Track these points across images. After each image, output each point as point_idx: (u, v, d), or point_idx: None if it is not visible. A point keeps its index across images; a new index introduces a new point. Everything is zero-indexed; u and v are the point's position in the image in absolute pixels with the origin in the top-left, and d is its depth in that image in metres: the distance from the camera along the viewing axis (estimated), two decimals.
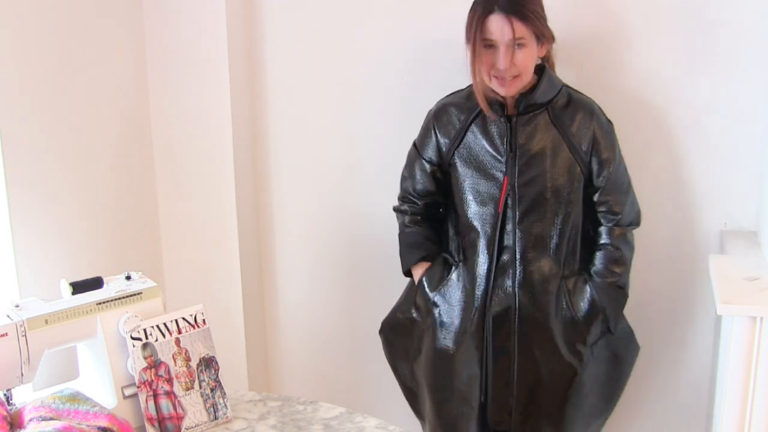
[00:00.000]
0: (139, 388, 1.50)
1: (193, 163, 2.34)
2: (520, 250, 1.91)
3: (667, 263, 2.23)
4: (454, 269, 1.99)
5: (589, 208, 1.97)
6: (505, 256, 1.93)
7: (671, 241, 2.22)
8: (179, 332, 1.55)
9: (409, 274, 2.09)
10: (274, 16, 2.34)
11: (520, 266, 1.92)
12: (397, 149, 2.21)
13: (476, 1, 1.84)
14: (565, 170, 1.89)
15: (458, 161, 1.96)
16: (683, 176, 2.17)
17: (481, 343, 1.94)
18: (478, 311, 1.94)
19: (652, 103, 2.15)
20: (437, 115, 2.00)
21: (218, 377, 1.58)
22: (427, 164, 2.01)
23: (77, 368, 1.64)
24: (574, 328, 1.93)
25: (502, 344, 1.93)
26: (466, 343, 1.96)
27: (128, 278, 1.61)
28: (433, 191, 2.03)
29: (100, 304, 1.52)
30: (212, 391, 1.56)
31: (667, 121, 2.15)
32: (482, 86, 1.87)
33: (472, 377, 1.97)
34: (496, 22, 1.78)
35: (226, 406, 1.57)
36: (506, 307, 1.92)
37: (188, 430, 1.52)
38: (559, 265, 1.93)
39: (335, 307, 2.52)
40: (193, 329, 1.57)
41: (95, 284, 1.56)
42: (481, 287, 1.94)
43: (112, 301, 1.54)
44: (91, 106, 2.05)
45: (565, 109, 1.91)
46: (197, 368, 1.56)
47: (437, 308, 2.00)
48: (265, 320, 2.58)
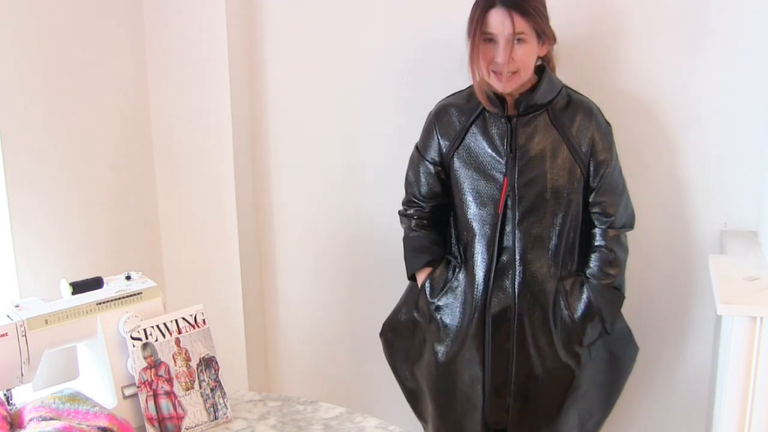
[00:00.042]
0: (139, 388, 1.50)
1: (193, 163, 2.34)
2: (519, 250, 1.91)
3: (667, 263, 2.23)
4: (457, 271, 1.99)
5: (586, 209, 1.97)
6: (504, 256, 1.93)
7: (671, 241, 2.22)
8: (179, 332, 1.55)
9: (413, 278, 2.08)
10: (274, 16, 2.34)
11: (519, 267, 1.92)
12: (397, 149, 2.21)
13: None
14: (565, 171, 1.89)
15: (457, 162, 1.96)
16: (683, 176, 2.17)
17: (482, 344, 1.94)
18: (478, 312, 1.94)
19: (652, 103, 2.15)
20: (438, 115, 2.00)
21: (218, 377, 1.58)
22: (430, 165, 2.01)
23: (77, 368, 1.64)
24: (571, 328, 1.93)
25: (501, 344, 1.93)
26: (467, 345, 1.96)
27: (128, 278, 1.61)
28: (438, 192, 2.03)
29: (100, 304, 1.52)
30: (212, 391, 1.56)
31: (666, 121, 2.15)
32: (483, 84, 1.88)
33: (474, 378, 1.97)
34: (496, 15, 1.79)
35: (226, 406, 1.57)
36: (505, 307, 1.92)
37: (188, 430, 1.52)
38: (557, 265, 1.93)
39: (335, 307, 2.52)
40: (193, 329, 1.57)
41: (95, 284, 1.56)
42: (480, 288, 1.94)
43: (112, 301, 1.54)
44: (91, 106, 2.05)
45: (565, 110, 1.91)
46: (197, 368, 1.56)
47: (440, 312, 2.00)
48: (265, 320, 2.58)
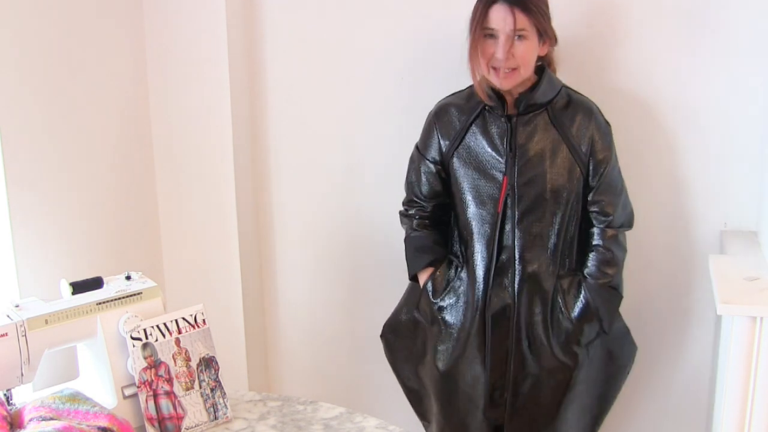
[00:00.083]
0: (139, 388, 1.50)
1: (193, 163, 2.34)
2: (519, 249, 1.91)
3: (667, 263, 2.23)
4: (459, 270, 2.00)
5: (585, 208, 1.97)
6: (504, 255, 1.93)
7: (671, 241, 2.22)
8: (179, 332, 1.55)
9: (414, 278, 2.08)
10: (274, 16, 2.34)
11: (519, 266, 1.92)
12: (396, 149, 2.21)
13: None
14: (564, 171, 1.90)
15: (457, 161, 1.96)
16: (683, 176, 2.17)
17: (483, 343, 1.95)
18: (479, 311, 1.94)
19: (652, 103, 2.15)
20: (438, 114, 2.00)
21: (218, 377, 1.58)
22: (431, 164, 2.01)
23: (77, 368, 1.64)
24: (568, 328, 1.93)
25: (500, 342, 1.94)
26: (469, 344, 1.96)
27: (128, 278, 1.61)
28: (439, 192, 2.03)
29: (100, 304, 1.52)
30: (212, 391, 1.56)
31: (666, 121, 2.15)
32: (483, 81, 1.89)
33: (475, 377, 1.97)
34: (498, 11, 1.80)
35: (226, 406, 1.57)
36: (504, 305, 1.92)
37: (188, 430, 1.52)
38: (556, 264, 1.93)
39: (335, 307, 2.52)
40: (193, 329, 1.57)
41: (95, 284, 1.56)
42: (480, 287, 1.94)
43: (112, 301, 1.54)
44: (91, 106, 2.05)
45: (564, 109, 1.92)
46: (197, 368, 1.56)
47: (442, 312, 2.00)
48: (265, 320, 2.58)
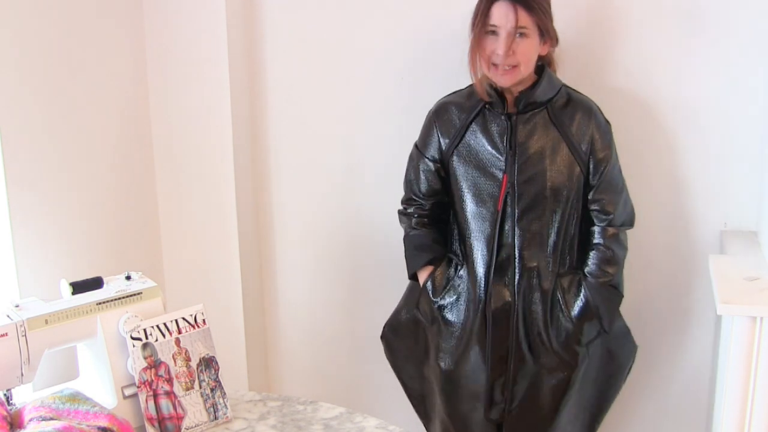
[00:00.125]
0: (139, 388, 1.50)
1: (193, 163, 2.34)
2: (518, 247, 1.92)
3: (667, 263, 2.23)
4: (459, 268, 2.00)
5: (586, 207, 1.98)
6: (504, 253, 1.93)
7: (671, 241, 2.22)
8: (179, 332, 1.55)
9: (414, 277, 2.08)
10: (274, 16, 2.34)
11: (518, 264, 1.92)
12: (396, 149, 2.21)
13: None
14: (564, 169, 1.90)
15: (457, 160, 1.96)
16: (683, 176, 2.17)
17: (484, 341, 1.95)
18: (480, 309, 1.94)
19: (651, 103, 2.15)
20: (438, 113, 2.01)
21: (218, 377, 1.58)
22: (430, 163, 2.01)
23: (77, 368, 1.64)
24: (568, 327, 1.93)
25: (501, 341, 1.94)
26: (470, 342, 1.96)
27: (128, 278, 1.61)
28: (438, 190, 2.03)
29: (100, 304, 1.52)
30: (212, 391, 1.56)
31: (666, 121, 2.15)
32: (484, 79, 1.90)
33: (477, 375, 1.97)
34: (500, 8, 1.82)
35: (226, 406, 1.57)
36: (505, 303, 1.93)
37: (188, 430, 1.52)
38: (556, 263, 1.93)
39: (335, 307, 2.52)
40: (193, 329, 1.57)
41: (95, 284, 1.56)
42: (481, 285, 1.94)
43: (112, 301, 1.54)
44: (91, 106, 2.05)
45: (564, 108, 1.92)
46: (197, 368, 1.56)
47: (443, 311, 2.01)
48: (265, 320, 2.58)
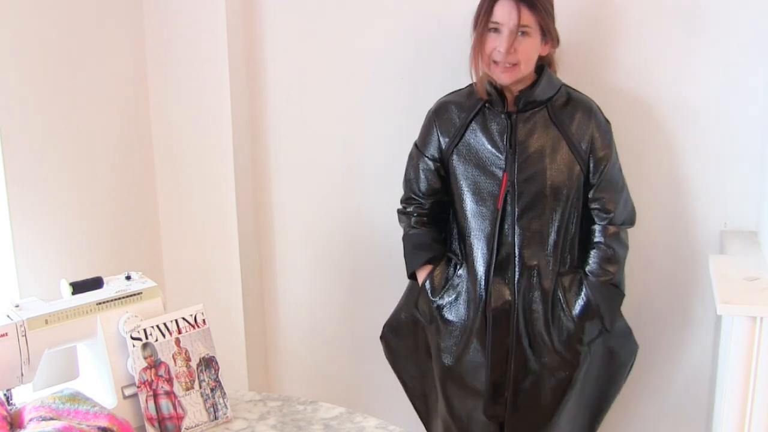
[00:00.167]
0: (139, 388, 1.50)
1: (193, 163, 2.34)
2: (518, 246, 1.92)
3: (667, 263, 2.23)
4: (458, 267, 2.00)
5: (587, 206, 1.98)
6: (504, 252, 1.93)
7: (671, 241, 2.22)
8: (179, 332, 1.55)
9: (413, 276, 2.08)
10: (274, 16, 2.34)
11: (518, 262, 1.92)
12: (396, 149, 2.21)
13: None
14: (564, 168, 1.90)
15: (457, 159, 1.96)
16: (683, 176, 2.17)
17: (484, 340, 1.95)
18: (480, 308, 1.94)
19: (651, 103, 2.15)
20: (438, 112, 2.01)
21: (218, 377, 1.58)
22: (430, 162, 2.02)
23: (77, 368, 1.64)
24: (570, 326, 1.93)
25: (501, 339, 1.94)
26: (471, 342, 1.96)
27: (128, 278, 1.61)
28: (438, 189, 2.03)
29: (100, 304, 1.52)
30: (212, 391, 1.56)
31: (666, 121, 2.15)
32: (484, 78, 1.90)
33: (478, 373, 1.97)
34: (504, 6, 1.83)
35: (226, 406, 1.57)
36: (505, 302, 1.93)
37: (188, 430, 1.52)
38: (556, 261, 1.94)
39: (335, 307, 2.52)
40: (193, 329, 1.57)
41: (95, 284, 1.56)
42: (481, 284, 1.95)
43: (112, 301, 1.54)
44: (91, 106, 2.05)
45: (564, 107, 1.92)
46: (197, 368, 1.56)
47: (442, 310, 2.01)
48: (265, 320, 2.58)
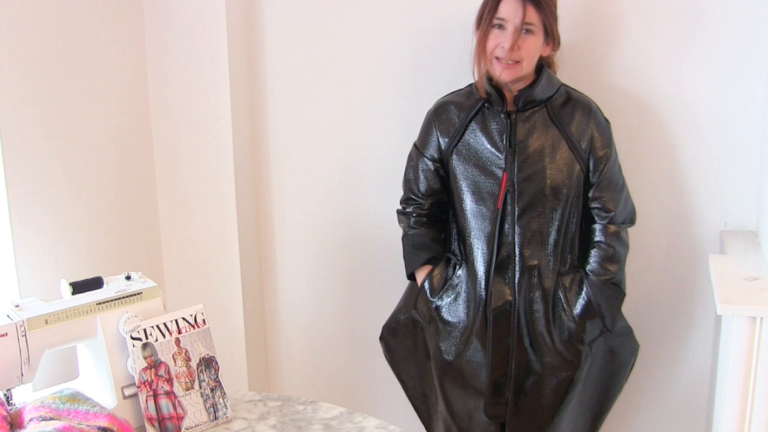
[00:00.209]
0: (139, 388, 1.50)
1: (193, 163, 2.34)
2: (518, 245, 1.92)
3: (667, 263, 2.23)
4: (457, 268, 2.00)
5: (587, 205, 1.98)
6: (504, 251, 1.93)
7: (671, 241, 2.22)
8: (179, 332, 1.55)
9: (412, 277, 2.08)
10: (274, 16, 2.34)
11: (519, 262, 1.92)
12: (396, 149, 2.21)
13: None
14: (564, 167, 1.90)
15: (456, 159, 1.97)
16: (683, 176, 2.17)
17: (485, 340, 1.95)
18: (480, 308, 1.94)
19: (651, 103, 2.15)
20: (437, 112, 2.01)
21: (218, 377, 1.58)
22: (429, 162, 2.02)
23: (77, 368, 1.64)
24: (570, 326, 1.93)
25: (502, 339, 1.94)
26: (471, 341, 1.96)
27: (128, 278, 1.61)
28: (437, 189, 2.03)
29: (100, 304, 1.52)
30: (212, 391, 1.56)
31: (666, 120, 2.15)
32: (485, 76, 1.90)
33: (479, 373, 1.97)
34: (510, 3, 1.84)
35: (226, 406, 1.57)
36: (505, 302, 1.93)
37: (188, 430, 1.52)
38: (557, 261, 1.94)
39: (335, 307, 2.52)
40: (193, 329, 1.57)
41: (95, 284, 1.56)
42: (481, 283, 1.95)
43: (112, 301, 1.54)
44: (91, 106, 2.05)
45: (563, 107, 1.92)
46: (197, 368, 1.56)
47: (441, 311, 2.00)
48: (265, 320, 2.58)
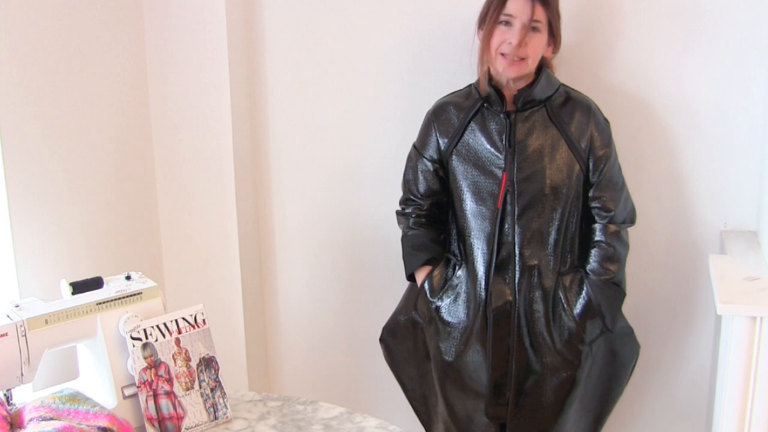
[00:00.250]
0: (139, 388, 1.50)
1: (193, 163, 2.34)
2: (518, 245, 1.92)
3: (667, 263, 2.23)
4: (457, 268, 2.00)
5: (587, 204, 1.98)
6: (504, 251, 1.93)
7: (671, 240, 2.22)
8: (179, 332, 1.55)
9: (411, 278, 2.08)
10: (274, 16, 2.34)
11: (519, 261, 1.92)
12: (396, 149, 2.21)
13: None
14: (564, 167, 1.90)
15: (456, 159, 1.97)
16: (683, 176, 2.17)
17: (485, 341, 1.95)
18: (480, 308, 1.94)
19: (652, 102, 2.15)
20: (437, 113, 2.01)
21: (218, 377, 1.58)
22: (429, 163, 2.02)
23: (77, 368, 1.64)
24: (571, 326, 1.93)
25: (502, 339, 1.94)
26: (471, 341, 1.96)
27: (128, 278, 1.61)
28: (437, 190, 2.03)
29: (100, 304, 1.52)
30: (212, 391, 1.56)
31: (666, 120, 2.15)
32: (487, 74, 1.90)
33: (479, 374, 1.97)
34: (518, 0, 1.84)
35: (226, 406, 1.57)
36: (505, 302, 1.93)
37: (188, 430, 1.52)
38: (557, 260, 1.94)
39: (335, 307, 2.52)
40: (193, 329, 1.57)
41: (95, 284, 1.56)
42: (481, 284, 1.95)
43: (112, 301, 1.54)
44: (91, 106, 2.05)
45: (563, 106, 1.93)
46: (197, 368, 1.56)
47: (441, 311, 2.00)
48: (265, 320, 2.58)
